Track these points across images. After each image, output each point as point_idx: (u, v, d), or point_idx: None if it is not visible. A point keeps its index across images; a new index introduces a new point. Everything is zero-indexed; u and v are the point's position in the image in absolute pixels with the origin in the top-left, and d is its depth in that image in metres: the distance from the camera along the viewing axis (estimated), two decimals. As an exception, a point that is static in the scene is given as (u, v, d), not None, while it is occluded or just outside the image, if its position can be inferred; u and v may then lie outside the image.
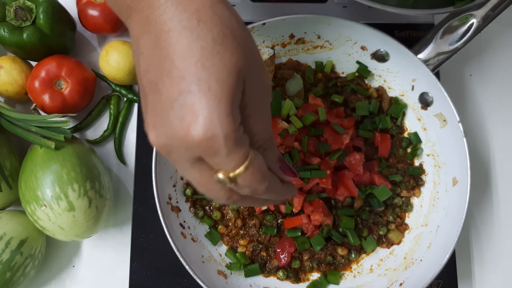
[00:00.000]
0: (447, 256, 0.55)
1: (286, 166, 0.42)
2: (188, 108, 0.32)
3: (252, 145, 0.36)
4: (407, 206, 0.64)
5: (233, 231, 0.62)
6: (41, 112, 0.68)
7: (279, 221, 0.62)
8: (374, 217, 0.63)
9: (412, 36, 0.71)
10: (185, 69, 0.32)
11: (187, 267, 0.55)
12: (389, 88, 0.66)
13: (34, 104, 0.63)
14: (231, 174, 0.34)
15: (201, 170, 0.35)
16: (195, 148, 0.33)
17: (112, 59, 0.67)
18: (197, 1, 0.33)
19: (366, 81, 0.67)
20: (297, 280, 0.62)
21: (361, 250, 0.63)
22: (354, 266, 0.63)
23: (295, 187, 0.44)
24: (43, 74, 0.64)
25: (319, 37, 0.64)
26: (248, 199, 0.40)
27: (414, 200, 0.65)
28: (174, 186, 0.62)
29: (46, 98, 0.64)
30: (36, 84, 0.64)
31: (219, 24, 0.33)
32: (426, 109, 0.64)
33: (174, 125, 0.33)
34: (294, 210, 0.59)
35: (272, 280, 0.62)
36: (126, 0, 0.35)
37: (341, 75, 0.68)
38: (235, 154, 0.33)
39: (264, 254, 0.62)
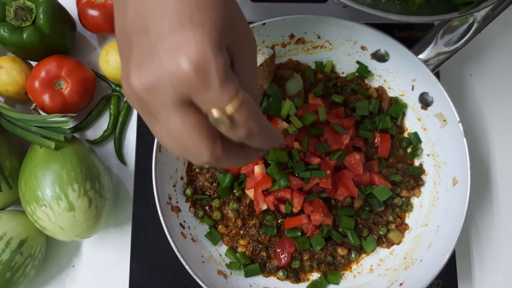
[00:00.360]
0: (447, 256, 0.55)
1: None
2: (180, 41, 0.31)
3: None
4: (407, 206, 0.64)
5: (233, 231, 0.62)
6: (41, 112, 0.68)
7: (279, 221, 0.62)
8: (374, 217, 0.63)
9: (412, 36, 0.71)
10: (177, 7, 0.31)
11: (187, 267, 0.55)
12: (389, 88, 0.66)
13: (34, 104, 0.63)
14: (228, 109, 0.32)
15: (185, 115, 0.33)
16: (185, 83, 0.31)
17: (112, 59, 0.67)
18: None
19: (366, 81, 0.67)
20: (297, 280, 0.62)
21: (361, 250, 0.63)
22: (354, 266, 0.63)
23: (281, 134, 0.42)
24: (43, 74, 0.64)
25: (319, 37, 0.64)
26: (231, 154, 0.37)
27: (414, 200, 0.65)
28: (174, 186, 0.62)
29: (46, 98, 0.64)
30: (36, 84, 0.64)
31: None
32: (426, 109, 0.64)
33: (163, 59, 0.31)
34: (294, 210, 0.59)
35: (272, 280, 0.62)
36: None
37: (341, 75, 0.68)
38: (228, 86, 0.32)
39: (264, 254, 0.62)
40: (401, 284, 0.59)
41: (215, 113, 0.32)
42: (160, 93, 0.32)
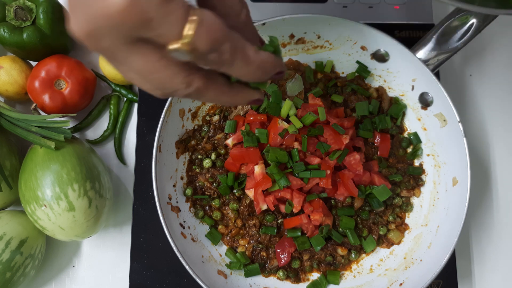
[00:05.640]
0: (447, 256, 0.55)
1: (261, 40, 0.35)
2: None
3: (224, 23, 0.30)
4: (407, 206, 0.64)
5: (233, 231, 0.62)
6: (41, 112, 0.68)
7: (279, 221, 0.62)
8: (374, 217, 0.63)
9: (412, 36, 0.71)
10: None
11: (187, 267, 0.55)
12: (389, 88, 0.66)
13: (34, 104, 0.63)
14: (185, 38, 0.28)
15: (144, 53, 0.29)
16: (124, 23, 0.27)
17: (112, 59, 0.67)
18: None
19: (366, 81, 0.67)
20: (297, 280, 0.62)
21: (361, 250, 0.63)
22: (354, 266, 0.63)
23: (283, 63, 0.36)
24: (43, 74, 0.64)
25: (319, 37, 0.64)
26: (214, 86, 0.33)
27: (414, 200, 0.65)
28: (174, 186, 0.62)
29: (46, 98, 0.64)
30: (36, 84, 0.64)
31: None
32: (426, 109, 0.64)
33: (92, 3, 0.27)
34: (294, 210, 0.59)
35: (272, 280, 0.62)
36: None
37: (341, 75, 0.68)
38: (173, 10, 0.27)
39: (264, 254, 0.62)
40: (401, 284, 0.59)
41: (171, 46, 0.28)
42: (105, 37, 0.29)
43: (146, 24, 0.27)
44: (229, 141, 0.63)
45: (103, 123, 0.71)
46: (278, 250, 0.61)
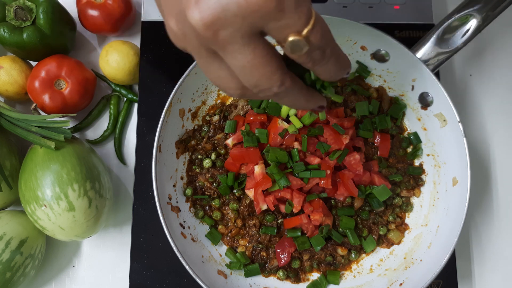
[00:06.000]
0: (447, 256, 0.55)
1: None
2: None
3: None
4: (407, 206, 0.64)
5: (233, 231, 0.62)
6: (41, 112, 0.68)
7: (279, 221, 0.62)
8: (374, 217, 0.63)
9: (412, 36, 0.71)
10: None
11: (187, 267, 0.55)
12: (389, 88, 0.66)
13: (34, 104, 0.63)
14: (305, 31, 0.30)
15: (256, 47, 0.31)
16: (257, 12, 0.28)
17: (112, 59, 0.67)
18: None
19: (366, 81, 0.67)
20: (297, 280, 0.62)
21: (361, 250, 0.63)
22: (354, 266, 0.63)
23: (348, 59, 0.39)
24: (43, 74, 0.64)
25: (319, 37, 0.64)
26: (296, 89, 0.35)
27: (414, 200, 0.65)
28: (174, 186, 0.62)
29: (46, 98, 0.64)
30: (36, 84, 0.64)
31: None
32: (426, 109, 0.63)
33: None
34: (294, 210, 0.59)
35: (272, 280, 0.62)
36: None
37: (341, 75, 0.67)
38: (303, 8, 0.29)
39: (264, 254, 0.62)
40: (401, 284, 0.59)
41: (292, 37, 0.30)
42: (227, 27, 0.29)
43: (276, 15, 0.29)
44: (229, 141, 0.63)
45: (103, 123, 0.71)
46: (278, 250, 0.61)
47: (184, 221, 0.61)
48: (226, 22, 0.29)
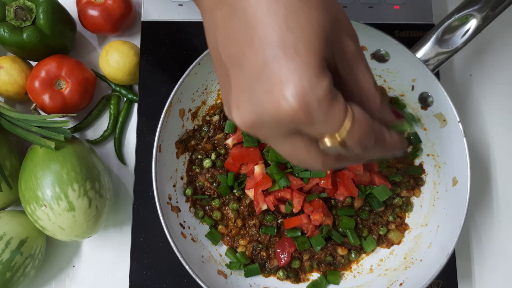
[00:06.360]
0: (447, 256, 0.55)
1: (395, 112, 0.38)
2: (275, 78, 0.29)
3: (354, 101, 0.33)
4: (407, 206, 0.64)
5: (233, 231, 0.62)
6: (41, 112, 0.68)
7: (279, 221, 0.62)
8: (374, 217, 0.63)
9: (412, 36, 0.71)
10: (269, 35, 0.29)
11: (187, 267, 0.55)
12: (389, 88, 0.66)
13: (34, 104, 0.63)
14: (339, 136, 0.31)
15: (295, 144, 0.33)
16: (288, 122, 0.30)
17: (112, 59, 0.67)
18: None
19: (366, 81, 0.67)
20: (297, 280, 0.62)
21: (361, 250, 0.63)
22: (354, 266, 0.63)
23: (405, 140, 0.38)
24: (43, 74, 0.64)
25: (319, 37, 0.64)
26: (344, 160, 0.36)
27: (414, 200, 0.65)
28: (174, 186, 0.62)
29: (46, 98, 0.64)
30: (36, 84, 0.64)
31: None
32: (426, 109, 0.63)
33: (262, 100, 0.30)
34: (294, 210, 0.59)
35: (272, 280, 0.62)
36: None
37: (341, 75, 0.67)
38: (335, 113, 0.30)
39: (264, 254, 0.62)
40: (401, 284, 0.59)
41: (326, 142, 0.31)
42: (265, 129, 0.32)
43: (307, 125, 0.30)
44: (229, 141, 0.63)
45: (103, 123, 0.71)
46: (278, 250, 0.61)
47: (184, 221, 0.61)
48: (262, 126, 0.31)
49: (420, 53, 0.60)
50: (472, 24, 0.58)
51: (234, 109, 0.32)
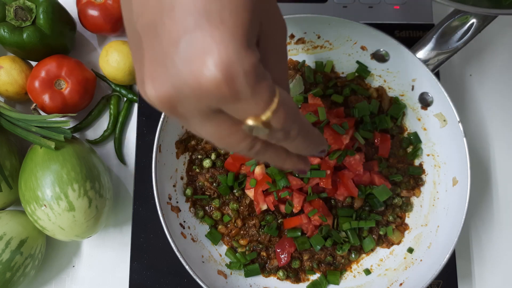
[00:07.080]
0: (447, 256, 0.55)
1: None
2: (198, 46, 0.26)
3: None
4: (407, 206, 0.64)
5: (233, 231, 0.62)
6: (41, 112, 0.68)
7: (279, 221, 0.62)
8: (374, 217, 0.63)
9: (412, 36, 0.71)
10: (192, 2, 0.26)
11: (187, 267, 0.55)
12: (389, 88, 0.66)
13: (34, 104, 0.63)
14: (264, 117, 0.28)
15: (218, 123, 0.30)
16: (211, 96, 0.27)
17: (112, 59, 0.67)
18: None
19: (366, 81, 0.67)
20: (297, 280, 0.62)
21: (361, 250, 0.63)
22: (354, 266, 0.63)
23: (325, 139, 0.37)
24: (43, 74, 0.64)
25: (319, 37, 0.64)
26: (272, 150, 0.34)
27: (414, 200, 0.65)
28: (174, 186, 0.62)
29: (46, 98, 0.64)
30: (36, 84, 0.64)
31: None
32: (426, 109, 0.64)
33: (181, 70, 0.27)
34: (294, 210, 0.59)
35: (272, 280, 0.62)
36: None
37: (341, 75, 0.68)
38: (262, 91, 0.28)
39: (264, 254, 0.62)
40: (401, 284, 0.59)
41: (249, 122, 0.29)
42: (183, 106, 0.29)
43: (231, 100, 0.27)
44: (229, 141, 0.63)
45: (103, 123, 0.71)
46: (278, 250, 0.61)
47: (184, 221, 0.61)
48: (180, 101, 0.28)
49: (420, 53, 0.60)
50: (472, 24, 0.58)
51: (148, 82, 0.29)
